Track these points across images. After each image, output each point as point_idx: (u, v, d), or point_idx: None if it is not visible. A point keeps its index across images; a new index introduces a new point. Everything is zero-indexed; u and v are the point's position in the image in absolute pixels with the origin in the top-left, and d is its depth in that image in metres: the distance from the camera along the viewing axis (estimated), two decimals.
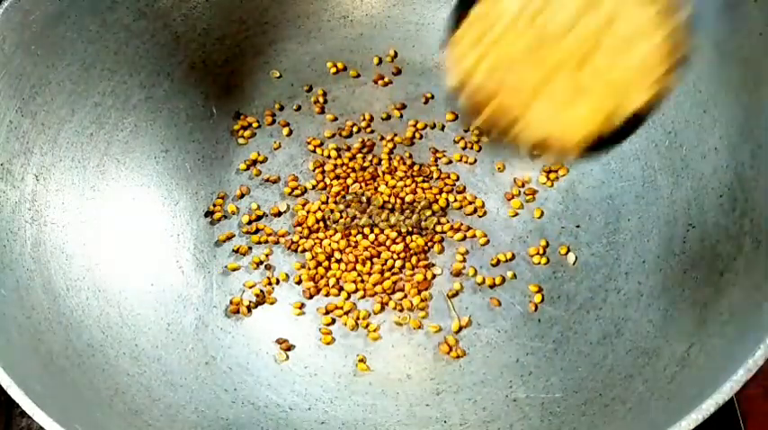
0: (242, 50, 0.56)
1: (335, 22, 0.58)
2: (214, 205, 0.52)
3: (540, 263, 0.49)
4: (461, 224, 0.51)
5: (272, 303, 0.49)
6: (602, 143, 0.27)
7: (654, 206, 0.47)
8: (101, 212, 0.48)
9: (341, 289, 0.49)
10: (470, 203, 0.52)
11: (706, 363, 0.35)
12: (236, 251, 0.51)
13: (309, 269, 0.49)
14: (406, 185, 0.53)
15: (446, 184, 0.53)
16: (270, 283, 0.49)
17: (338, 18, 0.58)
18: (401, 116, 0.56)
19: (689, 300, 0.41)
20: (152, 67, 0.51)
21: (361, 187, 0.53)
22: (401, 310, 0.48)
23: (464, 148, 0.55)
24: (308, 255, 0.50)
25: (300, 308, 0.48)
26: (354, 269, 0.49)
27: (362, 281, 0.49)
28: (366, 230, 0.51)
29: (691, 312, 0.40)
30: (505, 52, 0.24)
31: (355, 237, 0.50)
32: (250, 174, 0.54)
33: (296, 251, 0.50)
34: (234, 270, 0.50)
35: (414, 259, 0.50)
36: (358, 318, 0.48)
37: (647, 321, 0.43)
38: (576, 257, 0.49)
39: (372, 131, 0.56)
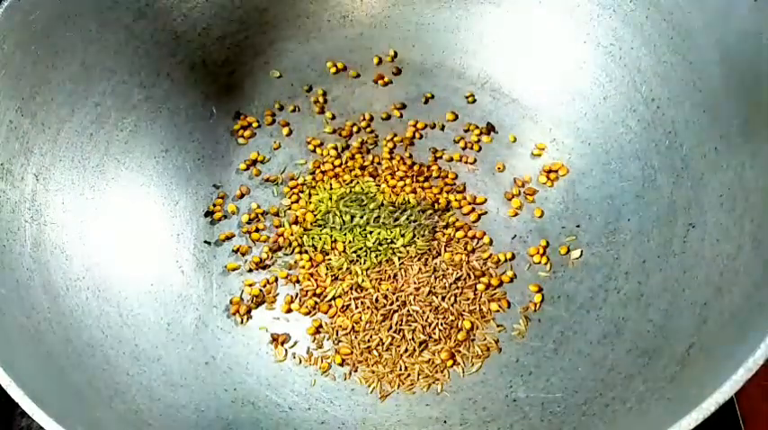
0: (242, 50, 0.56)
1: (335, 22, 0.58)
2: (214, 205, 0.52)
3: (540, 263, 0.49)
4: (462, 223, 0.51)
5: (271, 303, 0.49)
6: None
7: (654, 206, 0.47)
8: (101, 212, 0.48)
9: (340, 288, 0.49)
10: (470, 203, 0.52)
11: (706, 363, 0.35)
12: (236, 251, 0.51)
13: (309, 268, 0.49)
14: (406, 185, 0.53)
15: (446, 184, 0.53)
16: (269, 283, 0.49)
17: (338, 18, 0.58)
18: (401, 116, 0.56)
19: (689, 299, 0.40)
20: (152, 66, 0.51)
21: (361, 187, 0.53)
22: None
23: (464, 148, 0.55)
24: (306, 255, 0.50)
25: (300, 307, 0.48)
26: (354, 269, 0.49)
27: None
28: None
29: (691, 312, 0.40)
30: None
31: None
32: (250, 173, 0.54)
33: (295, 251, 0.50)
34: (234, 270, 0.50)
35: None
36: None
37: (647, 321, 0.42)
38: (577, 257, 0.49)
39: (372, 131, 0.56)
